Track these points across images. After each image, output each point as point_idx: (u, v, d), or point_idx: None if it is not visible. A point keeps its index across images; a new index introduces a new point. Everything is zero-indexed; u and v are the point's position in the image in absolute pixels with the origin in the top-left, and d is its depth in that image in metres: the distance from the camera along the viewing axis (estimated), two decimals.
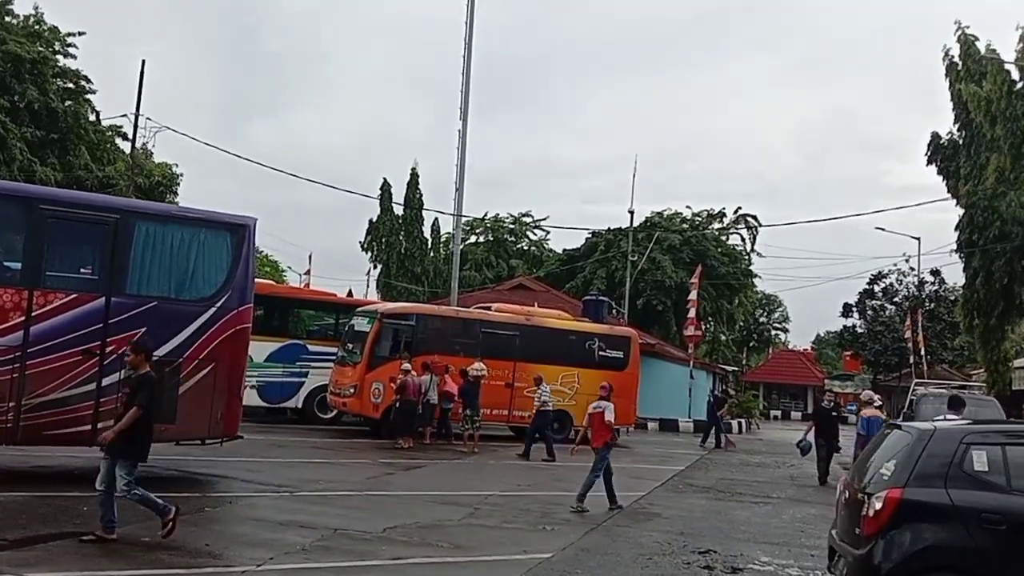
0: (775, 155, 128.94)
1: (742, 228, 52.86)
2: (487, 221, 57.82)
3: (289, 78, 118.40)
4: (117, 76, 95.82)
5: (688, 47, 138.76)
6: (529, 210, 60.52)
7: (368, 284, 51.60)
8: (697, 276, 35.02)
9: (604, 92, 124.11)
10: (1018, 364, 30.18)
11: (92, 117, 31.83)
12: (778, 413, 57.74)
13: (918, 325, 38.32)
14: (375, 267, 52.53)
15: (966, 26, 26.85)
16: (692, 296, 33.83)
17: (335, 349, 20.49)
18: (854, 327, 52.15)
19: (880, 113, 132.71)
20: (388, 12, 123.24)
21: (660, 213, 49.88)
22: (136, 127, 26.28)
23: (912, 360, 38.57)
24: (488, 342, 20.58)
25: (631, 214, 41.22)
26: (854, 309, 51.26)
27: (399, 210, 52.17)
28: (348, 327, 20.47)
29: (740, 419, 33.47)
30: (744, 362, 67.65)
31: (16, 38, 28.17)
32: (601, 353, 22.21)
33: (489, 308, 22.67)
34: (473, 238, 58.05)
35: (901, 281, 48.06)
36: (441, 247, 54.81)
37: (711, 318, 49.74)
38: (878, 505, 5.98)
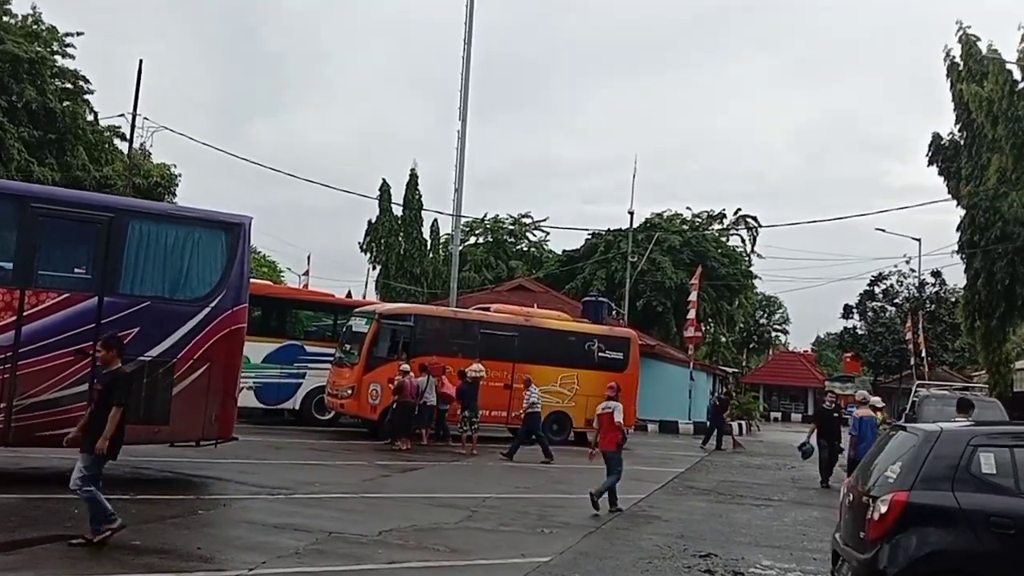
0: (775, 155, 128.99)
1: (742, 229, 52.81)
2: (486, 222, 57.71)
3: (289, 78, 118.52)
4: (117, 76, 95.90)
5: (688, 47, 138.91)
6: (529, 211, 60.50)
7: (367, 285, 51.48)
8: (697, 277, 34.90)
9: (604, 92, 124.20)
10: (1020, 366, 30.11)
11: (90, 117, 31.71)
12: (778, 415, 57.65)
13: (919, 327, 38.25)
14: (374, 268, 52.41)
15: (967, 26, 26.80)
16: (692, 297, 33.72)
17: (333, 350, 20.39)
18: (854, 329, 51.99)
19: (880, 113, 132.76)
20: (388, 12, 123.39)
21: (660, 214, 49.80)
22: (133, 127, 26.17)
23: (913, 362, 38.50)
24: (487, 343, 20.47)
25: (631, 215, 41.13)
26: (855, 310, 51.11)
27: (398, 211, 52.05)
28: (346, 328, 20.37)
29: (740, 421, 33.32)
30: (744, 364, 67.50)
31: (14, 38, 28.06)
32: (601, 354, 22.12)
33: (488, 309, 22.57)
34: (472, 239, 57.95)
35: (902, 282, 47.96)
36: (440, 248, 54.68)
37: (711, 319, 49.62)
38: (883, 508, 5.85)
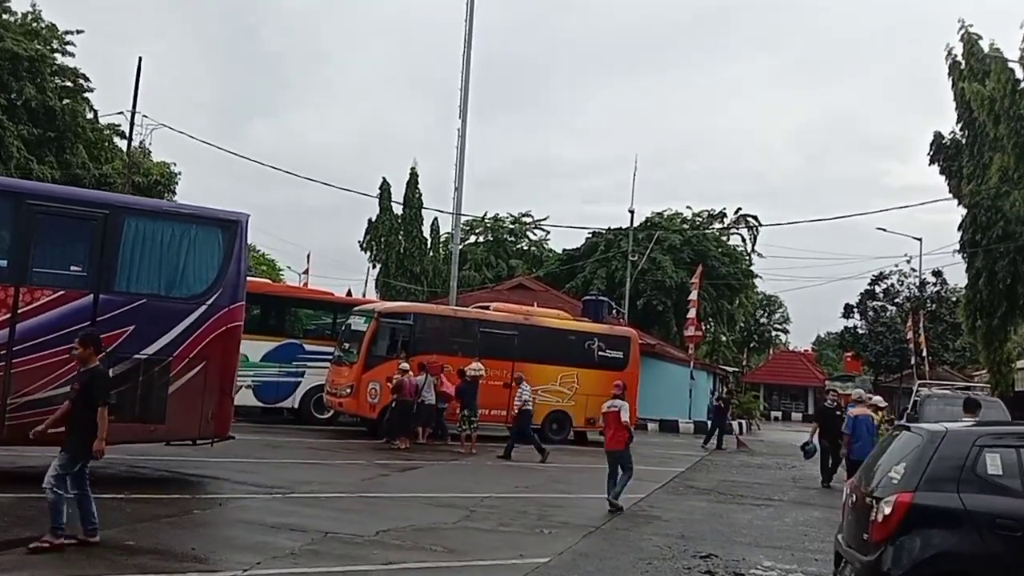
0: (775, 155, 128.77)
1: (742, 228, 52.71)
2: (487, 221, 57.59)
3: (289, 78, 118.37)
4: (118, 76, 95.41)
5: (688, 47, 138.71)
6: (529, 210, 60.41)
7: (367, 284, 51.37)
8: (698, 276, 34.79)
9: (604, 92, 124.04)
10: (1021, 365, 29.99)
11: (90, 115, 31.61)
12: (779, 414, 57.58)
13: (919, 326, 38.14)
14: (374, 267, 52.31)
15: (969, 24, 26.65)
16: (692, 296, 33.61)
17: (332, 349, 20.31)
18: (855, 328, 51.86)
19: (880, 113, 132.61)
20: (388, 12, 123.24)
21: (660, 213, 49.69)
22: (132, 124, 26.11)
23: (913, 361, 38.39)
24: (486, 342, 20.37)
25: (631, 214, 41.02)
26: (855, 310, 50.99)
27: (398, 209, 51.95)
28: (345, 326, 20.28)
29: (740, 420, 33.24)
30: (744, 363, 67.41)
31: (14, 36, 27.94)
32: (601, 353, 22.02)
33: (488, 308, 22.47)
34: (473, 238, 57.84)
35: (902, 282, 47.82)
36: (440, 247, 54.59)
37: (711, 318, 49.51)
38: (887, 510, 5.75)
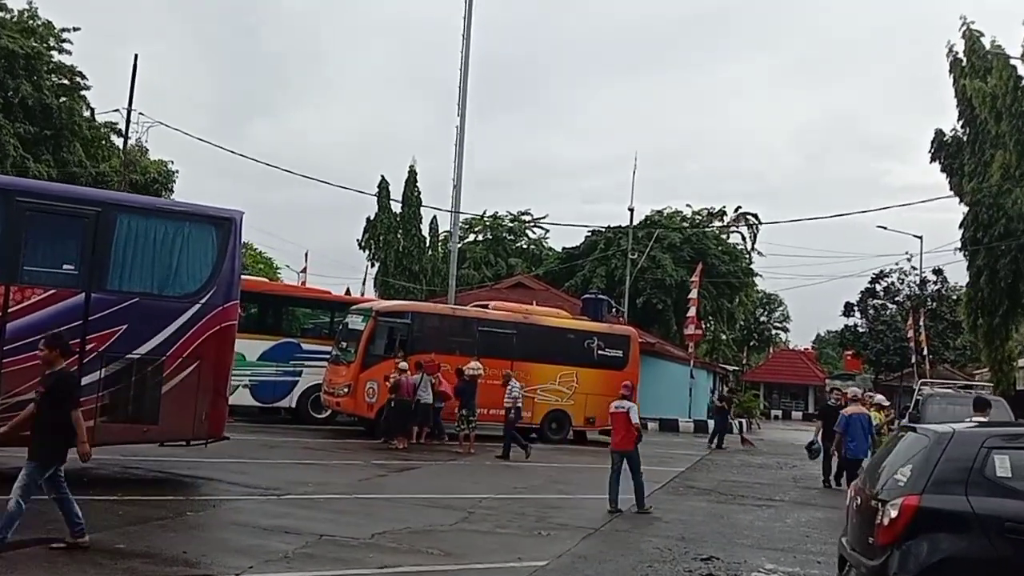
0: (775, 155, 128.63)
1: (742, 227, 52.56)
2: (486, 219, 57.43)
3: (289, 78, 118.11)
4: (118, 76, 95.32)
5: (688, 47, 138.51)
6: (528, 208, 60.23)
7: (365, 282, 51.18)
8: (698, 275, 34.67)
9: (604, 92, 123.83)
10: (1022, 364, 29.88)
11: (87, 113, 31.45)
12: (779, 413, 57.45)
13: (920, 324, 38.00)
14: (373, 265, 52.10)
15: (971, 21, 26.54)
16: (692, 295, 33.50)
17: (329, 348, 20.16)
18: (855, 326, 51.68)
19: (880, 113, 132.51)
20: (388, 12, 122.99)
21: (660, 211, 49.55)
22: (128, 122, 25.93)
23: (914, 360, 38.26)
24: (485, 341, 20.23)
25: (631, 212, 40.84)
26: (856, 308, 50.80)
27: (397, 208, 51.77)
28: (342, 325, 20.14)
29: (740, 419, 33.10)
30: (744, 361, 67.30)
31: (10, 33, 27.81)
32: (600, 352, 21.89)
33: (486, 306, 22.33)
34: (472, 236, 57.70)
35: (903, 280, 47.65)
36: (439, 245, 54.43)
37: (711, 317, 49.39)
38: (893, 513, 5.60)
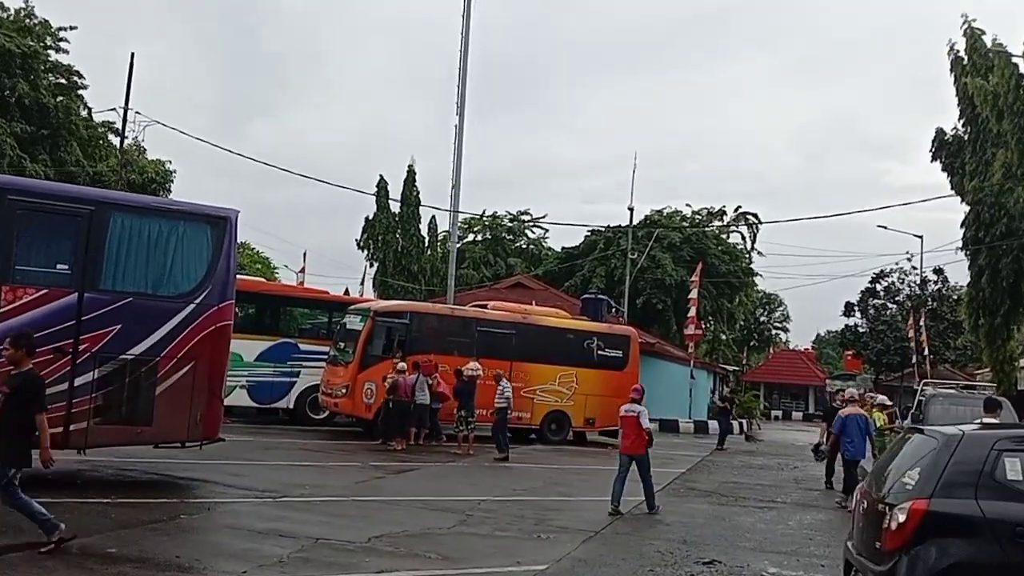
0: (775, 155, 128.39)
1: (742, 226, 52.40)
2: (485, 219, 57.25)
3: (289, 78, 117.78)
4: (118, 76, 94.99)
5: (688, 47, 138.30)
6: (528, 208, 60.06)
7: (363, 282, 51.02)
8: (697, 274, 34.52)
9: (604, 92, 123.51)
10: None
11: (84, 113, 31.30)
12: (779, 413, 57.30)
13: (920, 324, 37.87)
14: (371, 265, 51.92)
15: (972, 19, 26.36)
16: (692, 295, 33.35)
17: (327, 348, 20.02)
18: (856, 326, 51.53)
19: (880, 113, 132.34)
20: (388, 12, 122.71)
21: (660, 211, 49.37)
22: (125, 120, 25.79)
23: (914, 360, 38.12)
24: (484, 341, 20.09)
25: (631, 211, 40.67)
26: (856, 308, 50.65)
27: (396, 208, 51.60)
28: (340, 325, 20.02)
29: (741, 419, 32.97)
30: (744, 362, 67.12)
31: (6, 32, 27.64)
32: (600, 352, 21.75)
33: (485, 306, 22.19)
34: (471, 236, 57.51)
35: (903, 280, 47.51)
36: (438, 245, 54.26)
37: (711, 317, 49.20)
38: (901, 517, 5.48)
